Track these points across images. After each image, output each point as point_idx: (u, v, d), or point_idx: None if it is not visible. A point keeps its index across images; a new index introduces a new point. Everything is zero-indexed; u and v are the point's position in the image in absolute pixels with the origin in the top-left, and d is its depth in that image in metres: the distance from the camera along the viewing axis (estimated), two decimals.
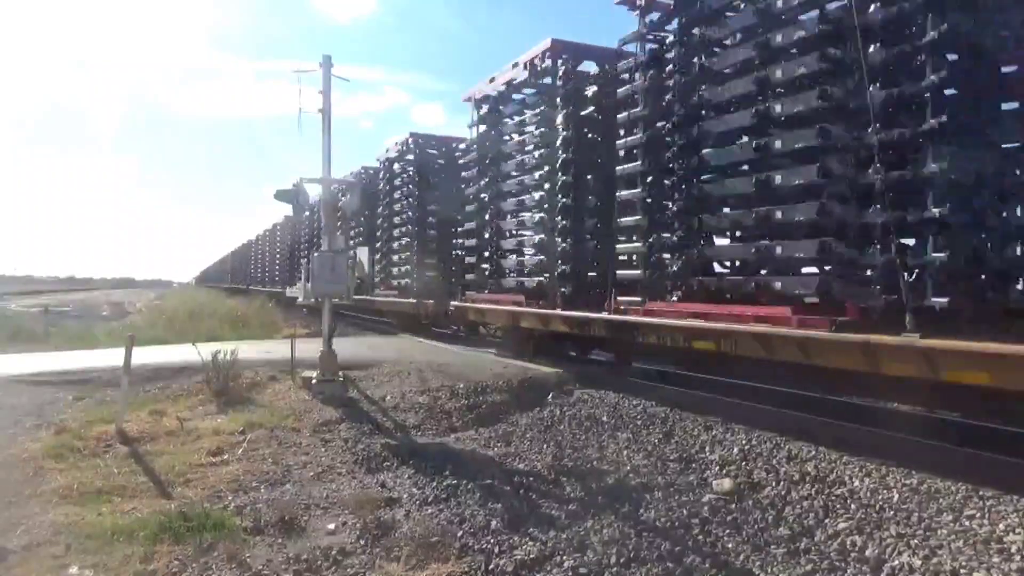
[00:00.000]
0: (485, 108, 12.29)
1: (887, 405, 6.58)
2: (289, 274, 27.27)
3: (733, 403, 6.94)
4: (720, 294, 7.15)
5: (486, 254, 12.07)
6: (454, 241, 14.58)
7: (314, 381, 8.38)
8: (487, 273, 11.97)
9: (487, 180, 12.02)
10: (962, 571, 3.50)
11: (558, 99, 9.99)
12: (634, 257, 8.48)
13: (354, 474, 5.48)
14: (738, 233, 7.29)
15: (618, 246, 8.73)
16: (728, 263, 7.58)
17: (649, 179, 8.05)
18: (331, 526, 4.33)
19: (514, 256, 11.57)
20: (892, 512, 4.23)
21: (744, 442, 5.77)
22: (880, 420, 6.04)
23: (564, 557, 3.78)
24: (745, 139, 6.88)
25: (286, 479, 5.29)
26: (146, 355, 9.39)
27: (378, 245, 17.59)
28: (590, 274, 9.80)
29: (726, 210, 7.28)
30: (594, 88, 9.89)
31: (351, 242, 16.93)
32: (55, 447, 5.86)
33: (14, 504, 4.64)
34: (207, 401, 7.86)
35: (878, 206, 5.33)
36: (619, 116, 8.61)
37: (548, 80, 10.50)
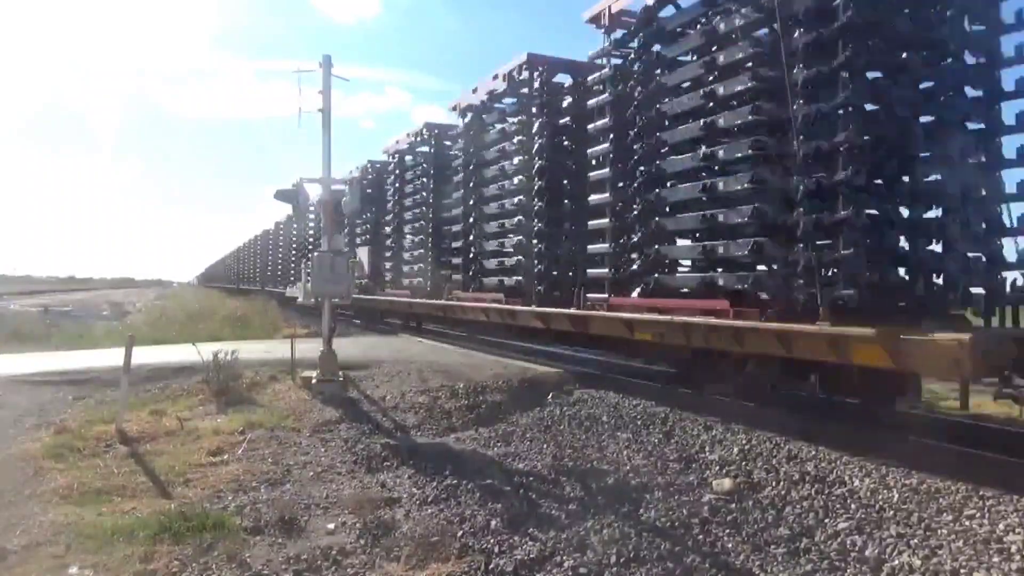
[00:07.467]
0: (469, 116, 12.93)
1: (887, 405, 6.57)
2: (289, 274, 27.25)
3: (733, 403, 6.93)
4: None
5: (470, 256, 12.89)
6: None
7: (314, 381, 8.38)
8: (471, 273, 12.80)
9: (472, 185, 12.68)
10: (962, 571, 3.50)
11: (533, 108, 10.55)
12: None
13: (354, 474, 5.48)
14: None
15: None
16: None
17: None
18: (331, 526, 4.33)
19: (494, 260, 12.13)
20: (892, 512, 4.23)
21: (744, 442, 5.77)
22: (880, 420, 6.03)
23: (564, 557, 3.78)
24: None
25: (286, 479, 5.29)
26: (146, 355, 9.39)
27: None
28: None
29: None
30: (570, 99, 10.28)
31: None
32: (55, 447, 5.86)
33: (14, 504, 4.64)
34: (207, 401, 7.86)
35: None
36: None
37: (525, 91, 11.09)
